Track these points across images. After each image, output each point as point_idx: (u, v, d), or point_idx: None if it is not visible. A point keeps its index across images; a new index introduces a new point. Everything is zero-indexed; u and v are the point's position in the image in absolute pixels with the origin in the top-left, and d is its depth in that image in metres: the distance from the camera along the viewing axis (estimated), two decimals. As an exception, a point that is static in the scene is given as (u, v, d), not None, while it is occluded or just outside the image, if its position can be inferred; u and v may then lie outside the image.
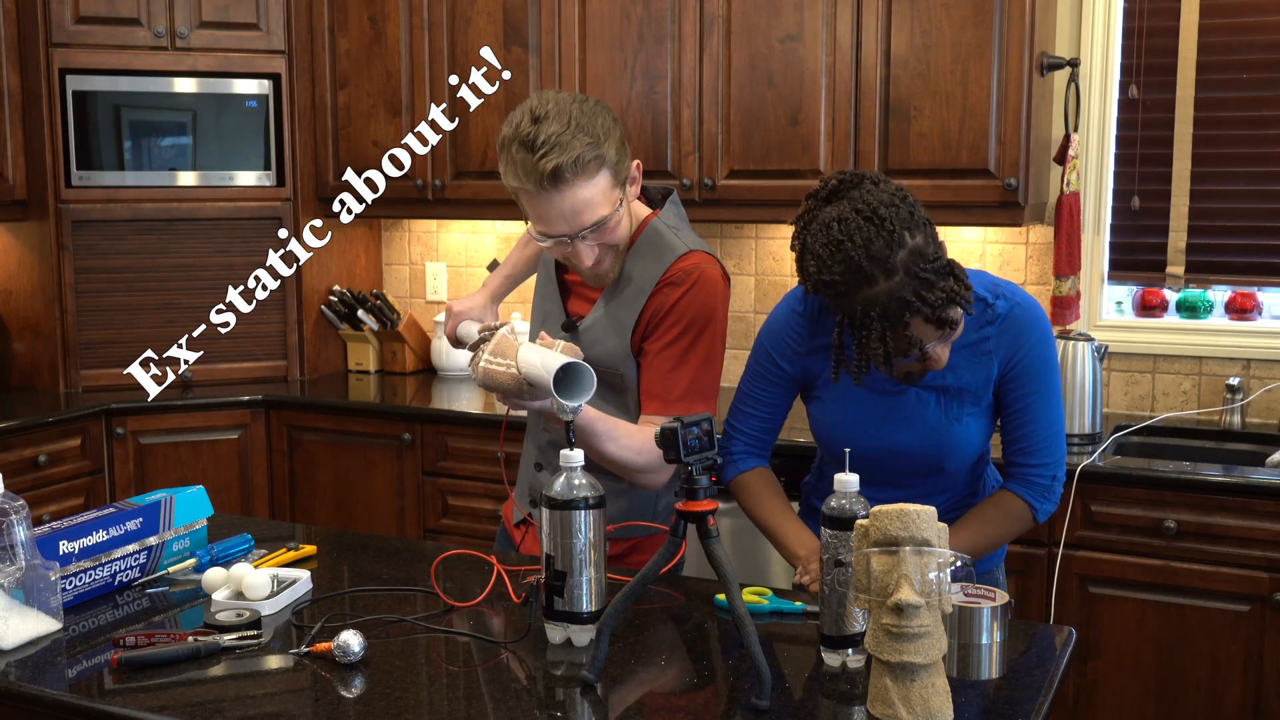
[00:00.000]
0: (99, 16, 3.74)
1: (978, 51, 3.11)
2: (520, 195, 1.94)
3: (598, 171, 1.90)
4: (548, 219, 1.93)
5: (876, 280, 1.73)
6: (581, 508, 1.63)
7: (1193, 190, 3.32)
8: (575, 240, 1.94)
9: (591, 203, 1.91)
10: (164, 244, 3.89)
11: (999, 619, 1.62)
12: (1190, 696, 2.82)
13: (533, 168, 1.87)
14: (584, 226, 1.92)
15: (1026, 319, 1.93)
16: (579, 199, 1.90)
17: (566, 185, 1.88)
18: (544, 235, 1.96)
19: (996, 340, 1.93)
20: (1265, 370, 3.29)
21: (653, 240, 2.06)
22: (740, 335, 3.87)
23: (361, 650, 1.62)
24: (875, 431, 1.96)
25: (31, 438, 3.44)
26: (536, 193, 1.89)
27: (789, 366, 2.03)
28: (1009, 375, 1.95)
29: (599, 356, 2.06)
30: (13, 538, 1.70)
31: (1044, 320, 1.97)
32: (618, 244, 2.01)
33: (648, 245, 2.06)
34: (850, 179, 1.82)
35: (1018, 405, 1.95)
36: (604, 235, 1.97)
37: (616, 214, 1.96)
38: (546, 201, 1.90)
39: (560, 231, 1.94)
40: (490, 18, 3.68)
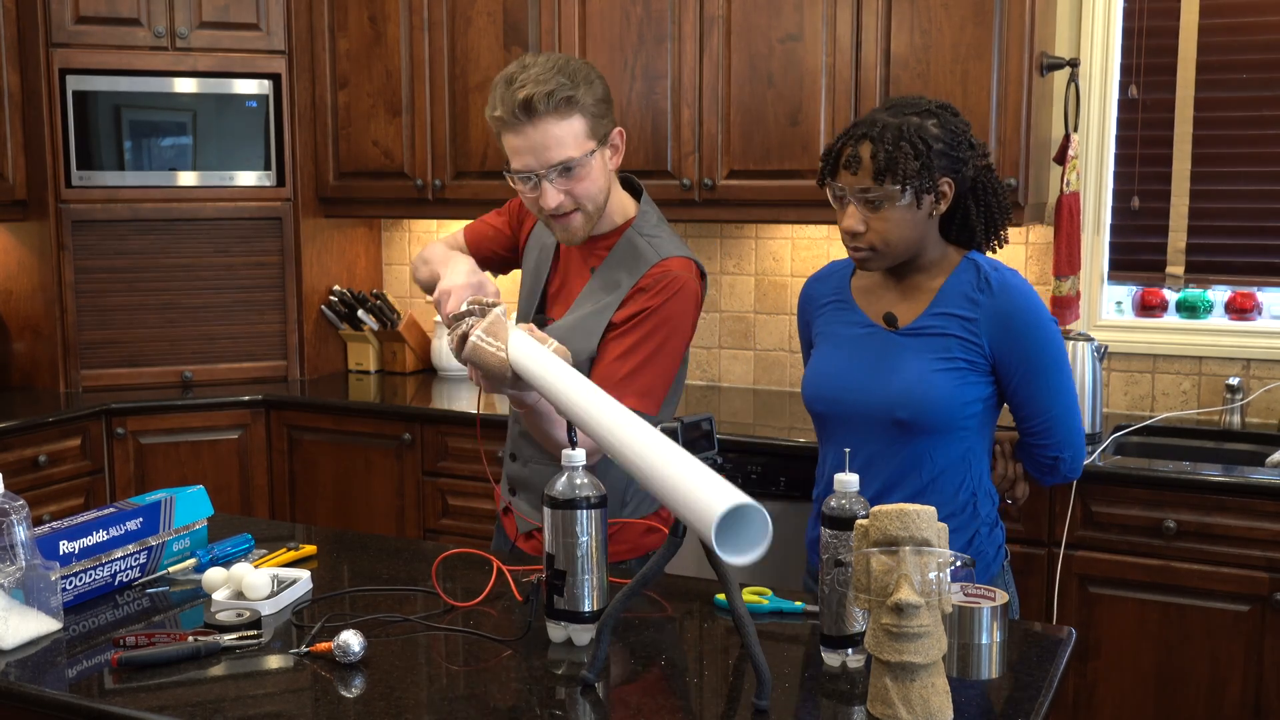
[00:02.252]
0: (99, 16, 3.74)
1: (978, 51, 3.11)
2: (500, 133, 2.03)
3: (571, 113, 1.98)
4: (518, 151, 2.00)
5: (900, 111, 1.96)
6: (583, 507, 1.63)
7: (1193, 190, 3.32)
8: (542, 179, 2.00)
9: (561, 141, 1.98)
10: (164, 244, 3.89)
11: (999, 619, 1.62)
12: (1190, 696, 2.82)
13: (509, 97, 1.97)
14: (550, 164, 1.99)
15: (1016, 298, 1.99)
16: (549, 134, 1.97)
17: (538, 117, 1.96)
18: (516, 172, 2.02)
19: (985, 308, 1.98)
20: (1265, 370, 3.29)
21: (628, 251, 2.11)
22: (740, 335, 3.87)
23: (361, 650, 1.62)
24: (849, 377, 2.03)
25: (31, 438, 3.44)
26: (509, 122, 1.98)
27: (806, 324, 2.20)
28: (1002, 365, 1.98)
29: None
30: (13, 538, 1.70)
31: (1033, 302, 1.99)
32: (588, 201, 2.05)
33: (623, 255, 2.11)
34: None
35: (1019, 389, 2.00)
36: (572, 183, 2.01)
37: (587, 162, 2.01)
38: (518, 133, 1.99)
39: (528, 165, 2.00)
40: (490, 18, 3.68)
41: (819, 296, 2.17)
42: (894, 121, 1.94)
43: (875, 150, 1.92)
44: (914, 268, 2.04)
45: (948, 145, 1.95)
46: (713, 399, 3.71)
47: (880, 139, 1.92)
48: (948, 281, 2.02)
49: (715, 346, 3.92)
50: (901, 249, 1.99)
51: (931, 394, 1.96)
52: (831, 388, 2.06)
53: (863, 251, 2.00)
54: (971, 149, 1.99)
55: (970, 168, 2.00)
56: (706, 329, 3.92)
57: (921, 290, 2.04)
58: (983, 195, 2.04)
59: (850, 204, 1.97)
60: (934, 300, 2.01)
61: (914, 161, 1.91)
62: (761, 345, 3.85)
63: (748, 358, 3.88)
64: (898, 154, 1.91)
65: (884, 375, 2.00)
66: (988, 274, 2.00)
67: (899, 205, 1.94)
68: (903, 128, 1.93)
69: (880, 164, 1.92)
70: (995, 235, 2.09)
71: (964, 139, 1.98)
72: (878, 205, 1.94)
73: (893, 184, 1.92)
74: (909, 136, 1.92)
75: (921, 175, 1.92)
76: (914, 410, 1.97)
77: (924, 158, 1.92)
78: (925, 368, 1.97)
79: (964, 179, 2.00)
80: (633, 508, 2.16)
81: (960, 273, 2.02)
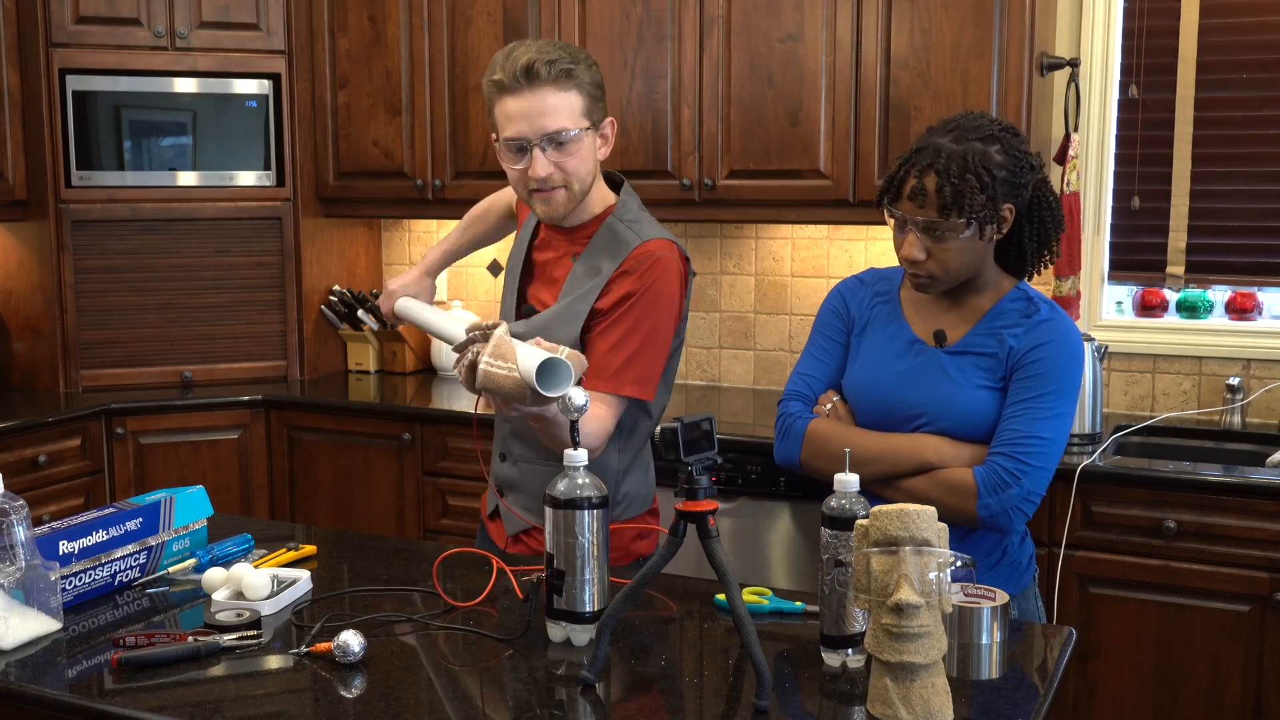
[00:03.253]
0: (99, 16, 3.74)
1: (978, 51, 3.11)
2: (494, 102, 2.04)
3: (569, 86, 2.01)
4: (512, 117, 2.01)
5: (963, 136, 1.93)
6: (584, 507, 1.63)
7: (1193, 190, 3.32)
8: (534, 147, 2.01)
9: (557, 110, 2.00)
10: (164, 244, 3.89)
11: (999, 619, 1.62)
12: (1190, 696, 2.82)
13: (510, 63, 2.00)
14: (544, 131, 2.00)
15: (1062, 329, 1.97)
16: (545, 102, 1.99)
17: (538, 83, 1.99)
18: (507, 140, 2.03)
19: (1025, 333, 1.97)
20: (1265, 370, 3.29)
21: (609, 237, 2.13)
22: (740, 335, 3.87)
23: (361, 650, 1.62)
24: (893, 386, 2.02)
25: (31, 438, 3.44)
26: (508, 86, 2.00)
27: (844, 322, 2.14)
28: (1018, 369, 1.96)
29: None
30: (13, 538, 1.70)
31: (1078, 344, 1.98)
32: (575, 179, 2.06)
33: (605, 241, 2.13)
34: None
35: (1015, 399, 1.96)
36: (563, 156, 2.03)
37: (580, 137, 2.03)
38: (515, 97, 2.00)
39: (521, 132, 2.01)
40: (490, 18, 3.68)
41: (865, 298, 2.13)
42: (958, 150, 1.90)
43: (941, 184, 1.89)
44: (967, 288, 2.03)
45: (1011, 173, 1.93)
46: (713, 399, 3.71)
47: (946, 172, 1.89)
48: (998, 305, 2.01)
49: (715, 346, 3.92)
50: (961, 275, 1.99)
51: (974, 408, 1.97)
52: (873, 397, 2.05)
53: (921, 278, 1.99)
54: (1032, 170, 1.97)
55: (1030, 190, 1.98)
56: (706, 329, 3.92)
57: (971, 309, 2.03)
58: (1037, 212, 2.01)
59: (911, 232, 1.95)
60: (982, 320, 2.01)
61: (980, 195, 1.89)
62: (761, 345, 3.85)
63: (748, 358, 3.88)
64: (964, 187, 1.88)
65: (927, 388, 2.00)
66: (1040, 305, 2.00)
67: (963, 237, 1.92)
68: (967, 157, 1.89)
69: (946, 198, 1.89)
70: (1048, 250, 2.04)
71: (1026, 162, 1.95)
72: (941, 236, 1.93)
73: (958, 218, 1.90)
74: (974, 168, 1.89)
75: (986, 208, 1.90)
76: (955, 423, 1.97)
77: (989, 189, 1.89)
78: (968, 382, 1.98)
79: (1023, 201, 1.98)
80: (623, 509, 2.16)
81: (1011, 299, 2.02)
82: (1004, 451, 1.92)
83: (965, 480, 1.93)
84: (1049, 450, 1.93)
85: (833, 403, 2.09)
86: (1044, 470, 1.93)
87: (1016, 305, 2.00)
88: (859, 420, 2.06)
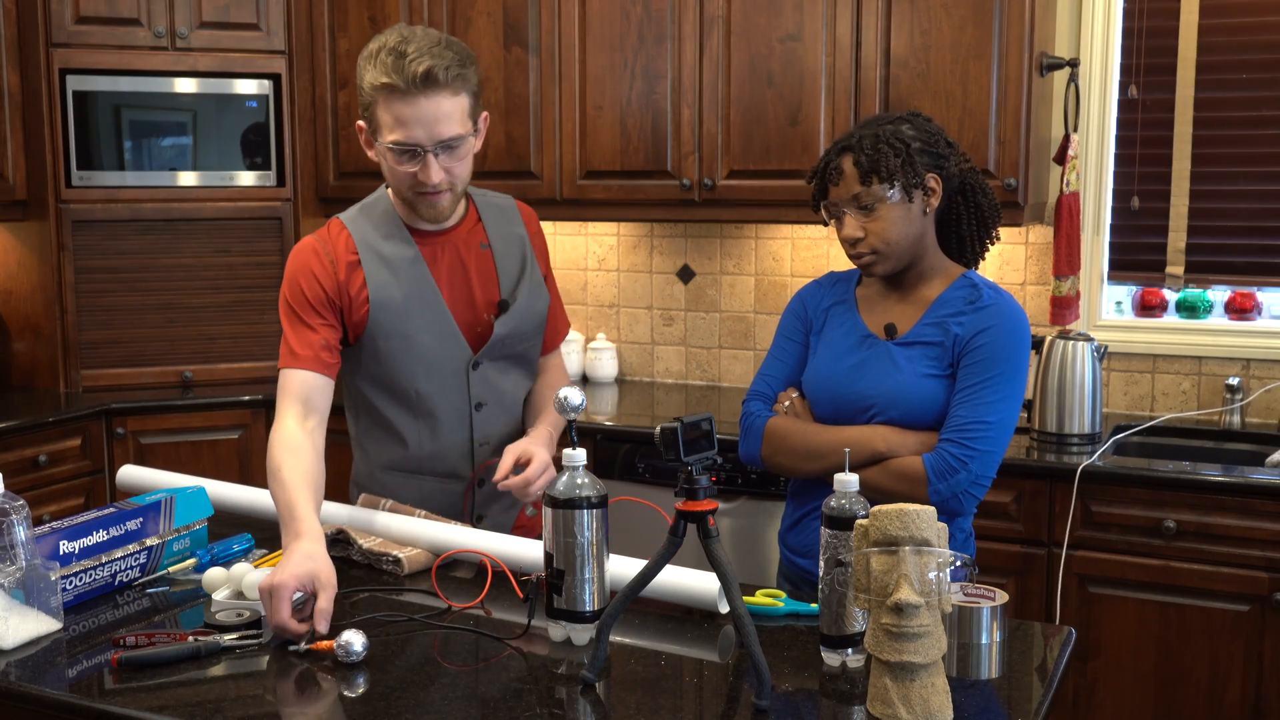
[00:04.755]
0: (99, 16, 3.74)
1: (977, 51, 3.11)
2: (379, 102, 1.98)
3: (461, 90, 2.00)
4: (407, 123, 1.97)
5: (872, 124, 2.04)
6: (583, 506, 1.63)
7: (1192, 190, 3.32)
8: (428, 153, 2.00)
9: (451, 116, 1.99)
10: (164, 244, 3.89)
11: (999, 619, 1.62)
12: (1190, 696, 2.82)
13: (405, 67, 1.94)
14: (441, 138, 1.99)
15: (1004, 313, 2.01)
16: (441, 108, 1.97)
17: (435, 89, 1.95)
18: (398, 145, 1.99)
19: (969, 319, 2.01)
20: (1265, 370, 3.29)
21: (491, 211, 2.24)
22: (740, 335, 3.87)
23: (364, 650, 1.62)
24: (845, 379, 2.07)
25: (31, 438, 3.44)
26: (405, 92, 1.95)
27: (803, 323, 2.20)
28: (964, 356, 2.00)
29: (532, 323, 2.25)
30: (13, 538, 1.70)
31: (1022, 326, 2.02)
32: (459, 182, 2.08)
33: (490, 211, 2.24)
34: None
35: (961, 386, 1.99)
36: (454, 160, 2.03)
37: (469, 141, 2.04)
38: (412, 105, 1.96)
39: (417, 139, 1.98)
40: (490, 18, 3.68)
41: (822, 299, 2.19)
42: (868, 131, 2.03)
43: (856, 157, 2.01)
44: (914, 275, 2.09)
45: (924, 143, 2.02)
46: (713, 399, 3.71)
47: (858, 147, 2.02)
48: (944, 294, 2.06)
49: (715, 346, 3.92)
50: (904, 246, 2.03)
51: (922, 397, 2.01)
52: (828, 391, 2.10)
53: (865, 256, 2.05)
54: (949, 146, 2.05)
55: (953, 165, 2.05)
56: (706, 329, 3.92)
57: (919, 301, 2.08)
58: (971, 195, 2.09)
59: (845, 214, 2.04)
60: (929, 309, 2.06)
61: (895, 158, 1.99)
62: (761, 345, 3.85)
63: (748, 358, 3.88)
64: (878, 155, 1.99)
65: (876, 380, 2.05)
66: (984, 291, 2.05)
67: (891, 203, 2.00)
68: (878, 133, 2.01)
69: (864, 167, 2.00)
70: (988, 235, 2.12)
71: (939, 137, 2.05)
72: (870, 208, 2.01)
73: (880, 182, 1.99)
74: (885, 139, 2.00)
75: (905, 170, 1.99)
76: (904, 412, 2.01)
77: (904, 154, 1.99)
78: (914, 372, 2.02)
79: (950, 176, 2.05)
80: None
81: (957, 287, 2.06)
82: (951, 438, 1.97)
83: (915, 468, 1.98)
84: (994, 434, 1.96)
85: (791, 400, 2.15)
86: (991, 454, 1.97)
87: (961, 293, 2.05)
88: (816, 415, 2.11)
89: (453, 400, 2.19)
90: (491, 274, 2.21)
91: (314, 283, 2.10)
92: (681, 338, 3.96)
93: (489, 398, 2.21)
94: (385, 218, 2.16)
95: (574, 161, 3.62)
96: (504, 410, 2.24)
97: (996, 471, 2.00)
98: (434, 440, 2.20)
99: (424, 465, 2.22)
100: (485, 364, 2.20)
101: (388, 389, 2.19)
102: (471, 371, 2.19)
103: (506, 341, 2.20)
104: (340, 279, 2.11)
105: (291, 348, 2.12)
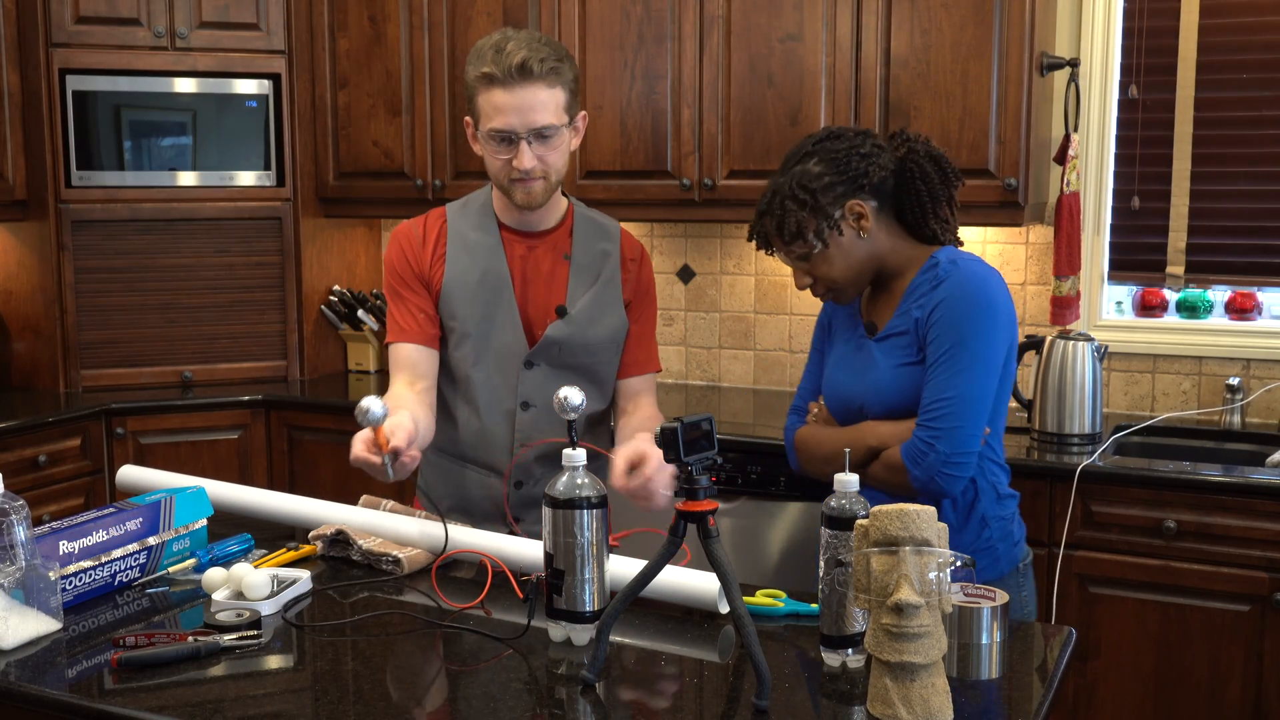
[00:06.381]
0: (99, 16, 3.74)
1: (978, 51, 3.11)
2: (479, 92, 2.10)
3: (556, 83, 2.09)
4: (503, 110, 2.07)
5: (786, 167, 2.06)
6: (583, 507, 1.63)
7: (1193, 190, 3.32)
8: (521, 139, 2.08)
9: (546, 106, 2.08)
10: (164, 244, 3.89)
11: (999, 619, 1.62)
12: (1190, 696, 2.82)
13: (503, 59, 2.06)
14: (533, 126, 2.08)
15: (955, 283, 1.97)
16: (536, 97, 2.07)
17: (531, 80, 2.06)
18: (495, 132, 2.10)
19: (927, 298, 2.00)
20: (1265, 370, 3.29)
21: (588, 226, 2.29)
22: (740, 335, 3.87)
23: (384, 412, 1.83)
24: (839, 379, 2.12)
25: (31, 438, 3.44)
26: (502, 80, 2.06)
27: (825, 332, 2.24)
28: (926, 336, 1.99)
29: (596, 337, 2.24)
30: (13, 538, 1.70)
31: (976, 291, 1.96)
32: (554, 171, 2.15)
33: (587, 230, 2.28)
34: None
35: (927, 367, 1.98)
36: (548, 149, 2.12)
37: (563, 132, 2.12)
38: (507, 92, 2.06)
39: (510, 125, 2.08)
40: (490, 18, 3.68)
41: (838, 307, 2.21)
42: (780, 183, 2.05)
43: (766, 223, 2.06)
44: (887, 275, 2.10)
45: (835, 175, 2.01)
46: (713, 399, 3.71)
47: (770, 210, 2.05)
48: (912, 282, 2.05)
49: (715, 346, 3.92)
50: (852, 279, 2.07)
51: (900, 387, 2.01)
52: (831, 396, 2.15)
53: (824, 296, 2.11)
54: (865, 158, 2.01)
55: (875, 175, 2.01)
56: (706, 329, 3.92)
57: (894, 293, 2.09)
58: (909, 183, 2.04)
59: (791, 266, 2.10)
60: (900, 301, 2.06)
61: (801, 213, 2.00)
62: (761, 345, 3.85)
63: (748, 358, 3.88)
64: (784, 215, 2.02)
65: (860, 378, 2.08)
66: (942, 265, 2.01)
67: (817, 253, 2.03)
68: (786, 186, 2.03)
69: (773, 231, 2.04)
70: (936, 213, 2.06)
71: (852, 155, 2.01)
72: (804, 259, 2.05)
73: (794, 241, 2.03)
74: (791, 193, 2.01)
75: (816, 217, 2.00)
76: (889, 405, 2.03)
77: (810, 203, 2.00)
78: (889, 364, 2.03)
79: (878, 185, 2.02)
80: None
81: (922, 271, 2.04)
82: (920, 421, 1.97)
83: (897, 458, 2.00)
84: (957, 408, 1.93)
85: (816, 408, 2.19)
86: (959, 429, 1.93)
87: (926, 276, 2.03)
88: (836, 420, 2.15)
89: (499, 394, 2.24)
90: (564, 284, 2.24)
91: (404, 261, 2.26)
92: (682, 338, 3.96)
93: (538, 401, 2.23)
94: (482, 210, 2.28)
95: (574, 161, 3.62)
96: (553, 419, 2.22)
97: (974, 445, 1.95)
98: (477, 428, 2.26)
99: (465, 452, 2.29)
100: (540, 366, 2.23)
101: (447, 369, 2.28)
102: (524, 369, 2.23)
103: (563, 348, 2.23)
104: (428, 258, 2.25)
105: (397, 322, 2.26)
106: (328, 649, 1.70)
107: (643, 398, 2.33)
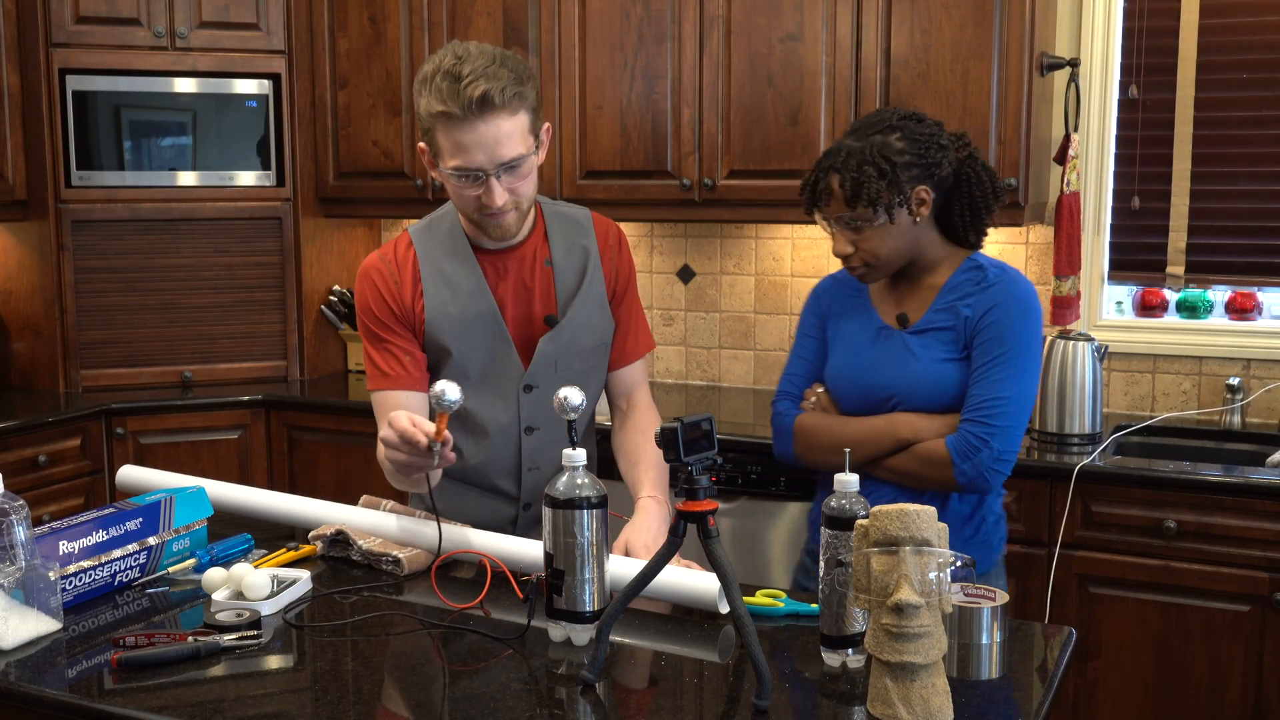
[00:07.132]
0: (99, 16, 3.74)
1: (978, 51, 3.11)
2: (438, 128, 1.95)
3: (519, 109, 1.95)
4: (467, 149, 1.94)
5: (864, 133, 2.04)
6: (583, 507, 1.63)
7: (1193, 190, 3.32)
8: (490, 176, 1.96)
9: (511, 136, 1.94)
10: (164, 244, 3.89)
11: (999, 619, 1.62)
12: (1190, 696, 2.82)
13: (460, 93, 1.90)
14: (501, 160, 1.95)
15: (1008, 289, 2.04)
16: (500, 130, 1.93)
17: (492, 113, 1.91)
18: (459, 170, 1.96)
19: (977, 300, 2.04)
20: (1265, 370, 3.29)
21: (560, 223, 2.18)
22: (740, 335, 3.87)
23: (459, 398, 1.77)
24: (864, 372, 2.10)
25: (31, 438, 3.44)
26: (461, 119, 1.91)
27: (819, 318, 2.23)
28: (975, 337, 2.03)
29: (588, 343, 2.18)
30: (13, 538, 1.70)
31: (1028, 299, 2.05)
32: (525, 200, 2.05)
33: (559, 224, 2.18)
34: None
35: (975, 365, 2.03)
36: (517, 180, 2.00)
37: (530, 159, 2.00)
38: (469, 130, 1.92)
39: (478, 164, 1.95)
40: (490, 18, 3.68)
41: (838, 293, 2.22)
42: (857, 146, 2.02)
43: (842, 179, 2.02)
44: (918, 268, 2.12)
45: (915, 156, 2.02)
46: (713, 399, 3.71)
47: (845, 168, 2.02)
48: (951, 279, 2.09)
49: (715, 346, 3.92)
50: (894, 259, 2.08)
51: (939, 382, 2.04)
52: (850, 385, 2.13)
53: (858, 269, 2.10)
54: (943, 149, 2.05)
55: (947, 166, 2.05)
56: (706, 329, 3.92)
57: (928, 288, 2.11)
58: (966, 187, 2.09)
59: (835, 229, 2.07)
60: (938, 296, 2.09)
61: (879, 182, 1.99)
62: (761, 345, 3.85)
63: (748, 358, 3.88)
64: (863, 179, 2.00)
65: (895, 370, 2.08)
66: (989, 271, 2.08)
67: (877, 224, 2.03)
68: (865, 151, 2.01)
69: (848, 192, 2.02)
70: (982, 222, 2.13)
71: (933, 143, 2.04)
72: (858, 228, 2.04)
73: (865, 207, 2.01)
74: (872, 159, 2.00)
75: (891, 192, 2.00)
76: (924, 398, 2.04)
77: (889, 175, 2.00)
78: (930, 358, 2.05)
79: (943, 179, 2.05)
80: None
81: (963, 270, 2.09)
82: (971, 418, 2.00)
83: (940, 451, 2.01)
84: (1012, 408, 2.00)
85: (816, 395, 2.18)
86: (1011, 429, 2.00)
87: (969, 276, 2.08)
88: (842, 409, 2.15)
89: (501, 421, 2.16)
90: (551, 292, 2.16)
91: (382, 302, 2.12)
92: (682, 338, 3.96)
93: (542, 423, 2.17)
94: (451, 234, 2.14)
95: (574, 161, 3.62)
96: (560, 439, 2.13)
97: (1020, 446, 2.03)
98: (483, 456, 2.19)
99: (471, 477, 2.21)
100: (541, 389, 2.14)
101: None
102: (523, 394, 2.15)
103: (559, 362, 2.15)
104: (408, 296, 2.12)
105: (379, 368, 2.13)
106: (327, 649, 1.70)
107: (637, 392, 2.27)
